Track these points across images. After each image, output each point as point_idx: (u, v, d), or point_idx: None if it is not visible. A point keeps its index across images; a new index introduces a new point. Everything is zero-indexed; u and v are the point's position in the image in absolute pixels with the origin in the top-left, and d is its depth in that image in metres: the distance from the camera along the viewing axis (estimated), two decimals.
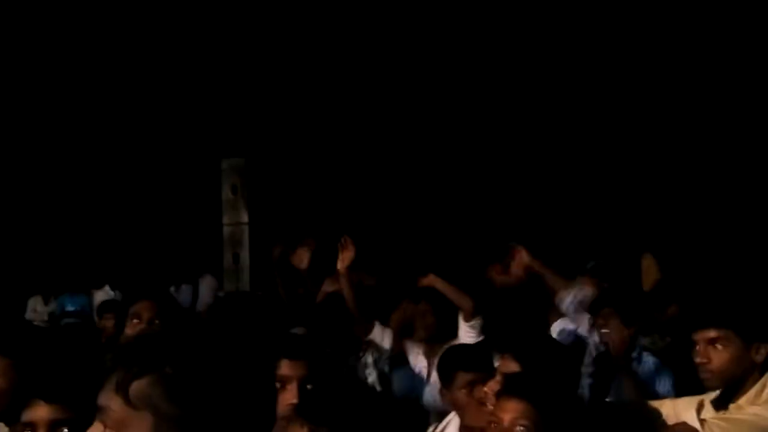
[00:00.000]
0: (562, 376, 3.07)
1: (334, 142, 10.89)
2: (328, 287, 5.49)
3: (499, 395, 2.78)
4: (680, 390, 3.96)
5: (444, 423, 3.72)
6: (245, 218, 9.89)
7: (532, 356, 3.07)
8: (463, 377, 3.53)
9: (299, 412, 2.31)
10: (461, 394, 3.51)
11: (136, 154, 11.86)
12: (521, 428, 2.58)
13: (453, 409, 3.67)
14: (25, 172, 11.98)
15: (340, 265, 5.08)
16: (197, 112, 11.22)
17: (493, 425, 2.66)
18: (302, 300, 5.61)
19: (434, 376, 4.34)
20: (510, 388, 2.74)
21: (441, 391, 3.82)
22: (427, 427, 3.91)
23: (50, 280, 10.73)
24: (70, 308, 10.32)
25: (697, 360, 2.99)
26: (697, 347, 3.00)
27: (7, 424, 2.16)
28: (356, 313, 4.87)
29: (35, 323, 8.91)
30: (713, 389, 3.02)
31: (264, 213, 9.90)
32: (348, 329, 4.78)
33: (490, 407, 2.78)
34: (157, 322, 3.19)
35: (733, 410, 2.90)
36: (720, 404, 2.95)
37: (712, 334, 2.94)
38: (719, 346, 2.91)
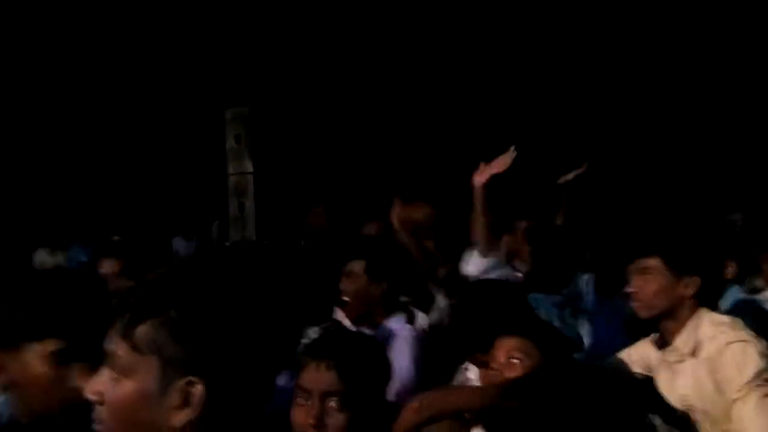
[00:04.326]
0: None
1: (338, 90, 10.83)
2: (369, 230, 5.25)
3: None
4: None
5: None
6: (250, 168, 9.88)
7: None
8: None
9: (308, 351, 2.30)
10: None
11: (140, 104, 11.82)
12: (516, 361, 2.61)
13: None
14: (30, 125, 11.95)
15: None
16: (201, 61, 11.15)
17: (491, 365, 2.68)
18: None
19: None
20: (503, 328, 2.75)
21: None
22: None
23: (56, 232, 10.75)
24: (82, 259, 10.33)
25: (628, 289, 2.99)
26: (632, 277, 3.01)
27: None
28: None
29: None
30: (645, 320, 3.03)
31: (268, 162, 9.89)
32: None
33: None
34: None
35: (671, 354, 2.91)
36: (660, 344, 2.98)
37: (642, 263, 2.94)
38: (649, 276, 2.91)
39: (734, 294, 3.98)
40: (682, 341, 2.87)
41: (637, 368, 3.10)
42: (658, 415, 3.47)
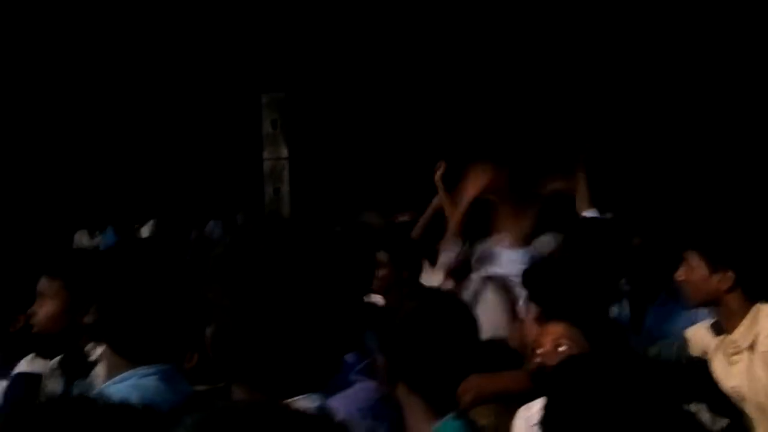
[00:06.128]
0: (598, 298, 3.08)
1: (374, 76, 10.83)
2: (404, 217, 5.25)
3: (540, 321, 2.79)
4: None
5: None
6: (285, 153, 9.93)
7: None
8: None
9: None
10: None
11: (178, 89, 11.89)
12: (563, 348, 2.59)
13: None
14: (70, 112, 12.07)
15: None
16: (238, 47, 11.19)
17: (537, 351, 2.68)
18: None
19: None
20: (549, 312, 2.74)
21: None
22: None
23: (95, 214, 10.88)
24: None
25: (677, 277, 3.02)
26: None
27: (61, 350, 2.14)
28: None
29: None
30: (693, 307, 3.07)
31: (304, 147, 9.93)
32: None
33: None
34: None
35: (729, 345, 2.90)
36: (717, 330, 2.99)
37: (685, 254, 2.93)
38: (689, 268, 2.88)
39: None
40: (740, 334, 2.86)
41: (694, 351, 3.11)
42: (705, 403, 3.44)
